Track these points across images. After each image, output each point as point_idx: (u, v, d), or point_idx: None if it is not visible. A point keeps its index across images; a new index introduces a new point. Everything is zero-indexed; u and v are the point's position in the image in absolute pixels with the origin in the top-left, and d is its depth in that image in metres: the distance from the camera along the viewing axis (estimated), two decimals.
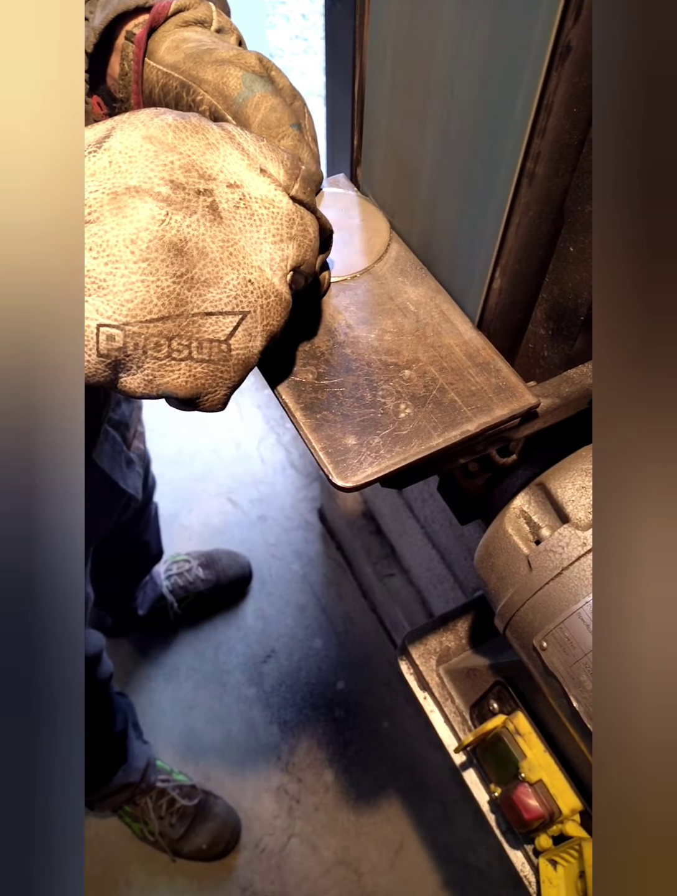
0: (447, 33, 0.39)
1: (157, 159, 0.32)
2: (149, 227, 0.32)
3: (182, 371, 0.35)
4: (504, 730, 0.63)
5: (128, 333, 0.32)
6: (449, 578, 1.43)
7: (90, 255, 0.31)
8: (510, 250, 0.42)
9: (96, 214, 0.31)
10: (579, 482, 0.50)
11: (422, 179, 0.47)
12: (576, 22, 0.33)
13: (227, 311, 0.34)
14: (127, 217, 0.31)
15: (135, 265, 0.32)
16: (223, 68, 0.41)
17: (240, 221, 0.34)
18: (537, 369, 0.49)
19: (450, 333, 0.46)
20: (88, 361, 0.32)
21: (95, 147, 0.32)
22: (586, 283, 0.43)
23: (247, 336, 0.35)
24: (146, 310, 0.32)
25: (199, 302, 0.33)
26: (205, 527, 1.89)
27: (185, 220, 0.32)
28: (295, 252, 0.36)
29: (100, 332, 0.32)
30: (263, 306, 0.35)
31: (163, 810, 1.46)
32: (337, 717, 1.62)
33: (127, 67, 0.45)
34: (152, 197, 0.32)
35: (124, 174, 0.32)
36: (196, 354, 0.34)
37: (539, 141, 0.37)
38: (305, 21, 3.21)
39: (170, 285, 0.32)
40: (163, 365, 0.34)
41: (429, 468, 0.46)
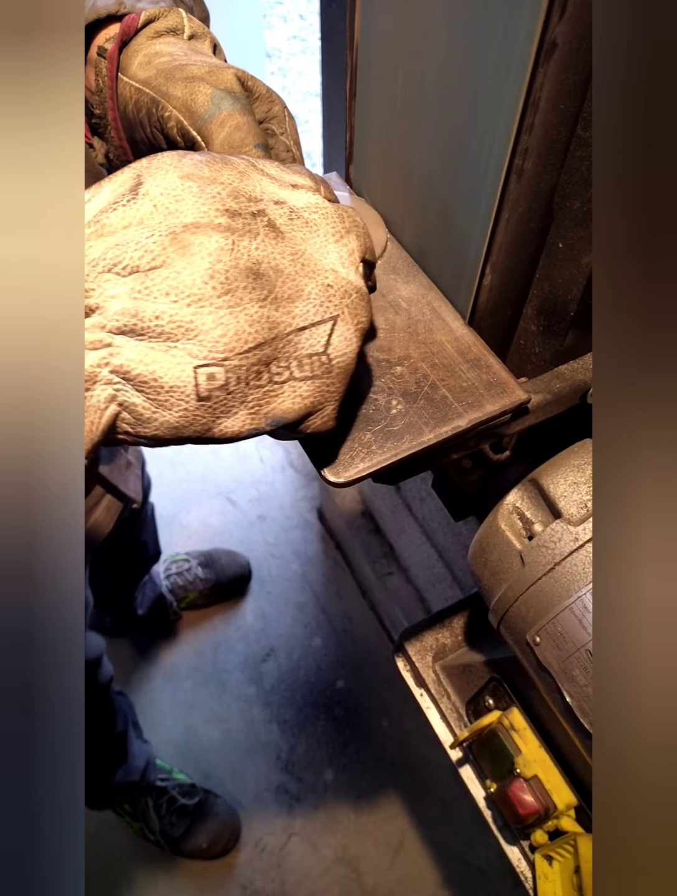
0: (434, 31, 0.40)
1: (203, 193, 0.32)
2: (221, 258, 0.31)
3: (286, 394, 0.33)
4: (499, 725, 0.63)
5: (229, 368, 0.31)
6: (447, 577, 1.44)
7: (167, 300, 0.30)
8: (500, 247, 0.42)
9: (162, 258, 0.30)
10: (571, 478, 0.51)
11: (413, 177, 0.47)
12: (562, 18, 0.33)
13: (318, 321, 0.33)
14: (196, 254, 0.30)
15: (219, 299, 0.31)
16: (193, 85, 0.41)
17: (299, 232, 0.33)
18: (528, 365, 0.50)
19: (442, 330, 0.47)
20: (186, 410, 0.31)
21: (131, 195, 0.31)
22: (575, 279, 0.43)
23: (344, 341, 0.34)
24: (242, 341, 0.31)
25: (289, 319, 0.32)
26: (204, 526, 1.90)
27: (252, 244, 0.32)
28: (357, 243, 0.35)
29: (198, 373, 0.31)
30: (349, 306, 0.34)
31: (163, 809, 1.47)
32: (336, 716, 1.62)
33: (101, 83, 0.45)
34: (213, 229, 0.31)
35: (176, 214, 0.31)
36: (297, 373, 0.33)
37: (526, 137, 0.37)
38: (303, 21, 3.21)
39: (258, 310, 0.31)
40: (267, 392, 0.33)
41: (421, 464, 0.46)
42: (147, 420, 0.32)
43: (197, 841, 1.46)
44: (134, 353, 0.30)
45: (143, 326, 0.30)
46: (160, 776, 1.50)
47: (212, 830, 1.46)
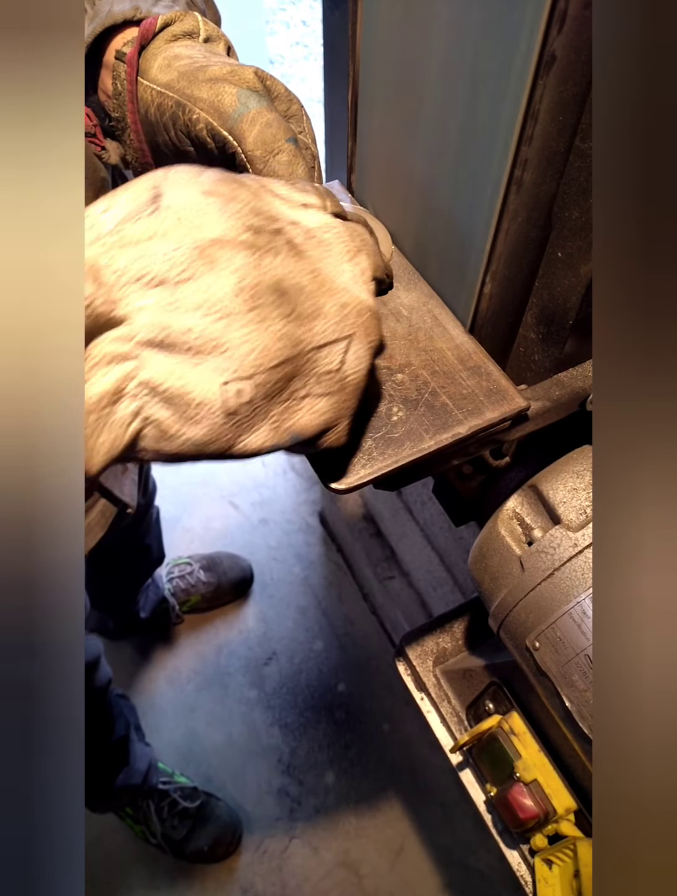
0: (435, 43, 0.40)
1: (225, 209, 0.32)
2: (248, 274, 0.31)
3: (304, 410, 0.34)
4: (499, 730, 0.63)
5: (256, 384, 0.31)
6: (448, 581, 1.44)
7: (197, 315, 0.30)
8: (500, 256, 0.43)
9: (190, 272, 0.30)
10: (571, 484, 0.51)
11: (413, 186, 0.48)
12: (561, 32, 0.34)
13: (335, 339, 0.33)
14: (224, 269, 0.30)
15: (247, 315, 0.31)
16: (218, 86, 0.41)
17: (315, 251, 0.34)
18: (528, 373, 0.50)
19: (442, 338, 0.47)
20: (213, 425, 0.31)
21: (153, 207, 0.31)
22: (574, 287, 0.44)
23: (357, 359, 0.35)
24: (269, 356, 0.31)
25: (310, 337, 0.33)
26: (206, 530, 1.90)
27: (275, 261, 0.32)
28: (367, 261, 0.36)
29: (226, 389, 0.31)
30: (362, 325, 0.35)
31: (164, 812, 1.47)
32: (337, 720, 1.63)
33: (120, 87, 0.45)
34: (239, 245, 0.31)
35: (201, 228, 0.31)
36: (315, 389, 0.34)
37: (526, 148, 0.38)
38: (306, 28, 3.22)
39: (283, 327, 0.32)
40: (287, 408, 0.33)
41: (421, 470, 0.47)
42: (172, 436, 0.31)
43: (198, 844, 1.46)
44: (162, 366, 0.30)
45: (172, 340, 0.30)
46: (162, 779, 1.50)
47: (214, 833, 1.46)
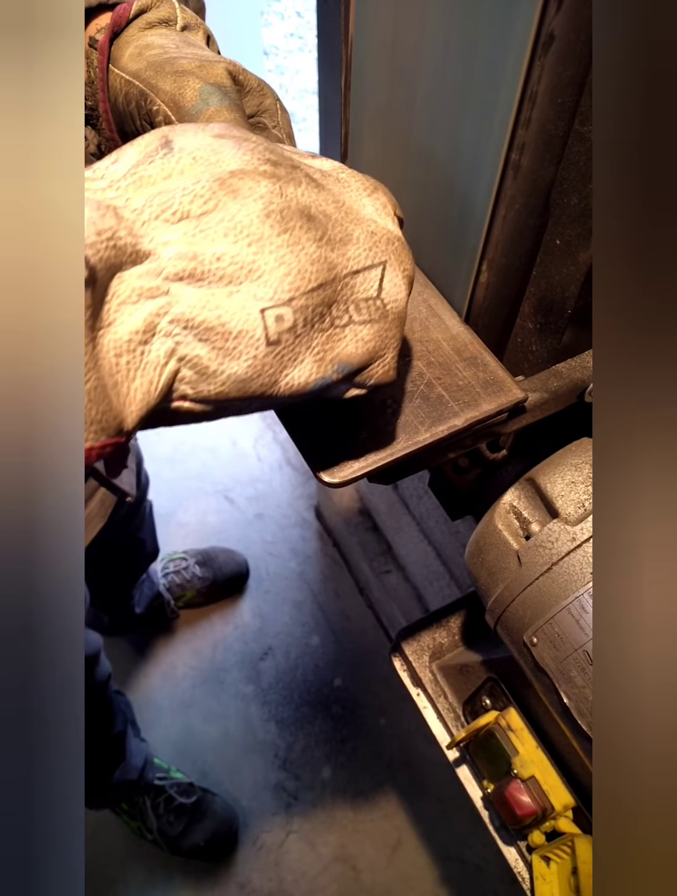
0: (429, 24, 0.39)
1: (241, 147, 0.31)
2: (274, 199, 0.30)
3: (348, 338, 0.33)
4: (496, 726, 0.63)
5: (296, 308, 0.30)
6: (444, 575, 1.43)
7: (227, 241, 0.29)
8: (496, 243, 0.42)
9: (214, 202, 0.29)
10: (568, 477, 0.50)
11: (408, 173, 0.47)
12: (559, 10, 0.33)
13: (369, 265, 0.33)
14: (248, 196, 0.30)
15: (279, 238, 0.30)
16: (182, 79, 0.41)
17: (335, 186, 0.33)
18: (525, 364, 0.49)
19: (438, 328, 0.46)
20: (256, 356, 0.30)
21: (165, 149, 0.30)
22: (573, 276, 0.43)
23: (394, 286, 0.34)
24: (306, 280, 0.30)
25: (345, 262, 0.32)
26: (201, 525, 1.89)
27: (298, 190, 0.31)
28: (386, 198, 0.35)
29: (265, 315, 0.30)
30: (394, 252, 0.34)
31: (161, 808, 1.46)
32: (334, 715, 1.62)
33: (93, 75, 0.44)
34: (260, 175, 0.30)
35: (218, 164, 0.30)
36: (356, 317, 0.33)
37: (523, 132, 0.37)
38: (300, 19, 3.20)
39: (316, 250, 0.31)
40: (330, 336, 0.32)
41: (416, 463, 0.46)
42: (213, 373, 0.30)
43: (194, 839, 1.45)
44: (195, 299, 0.29)
45: (202, 270, 0.29)
46: (158, 775, 1.49)
47: (210, 829, 1.46)
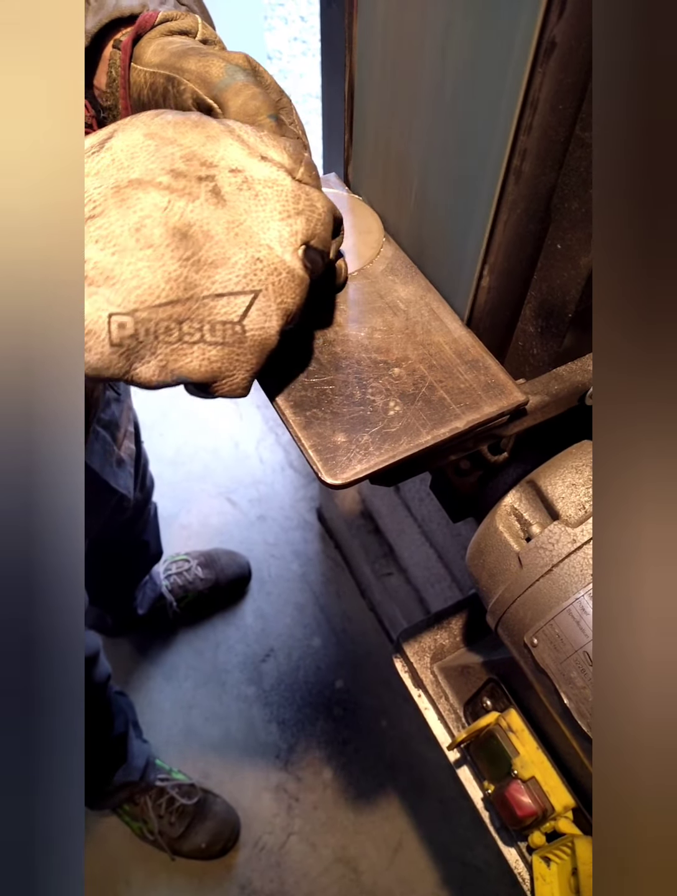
0: (433, 31, 0.39)
1: (158, 153, 0.33)
2: (152, 214, 0.32)
3: (195, 355, 0.35)
4: (497, 727, 0.63)
5: (138, 319, 0.32)
6: (446, 577, 1.44)
7: (97, 248, 0.32)
8: (498, 248, 0.42)
9: (101, 208, 0.32)
10: (569, 479, 0.51)
11: (410, 177, 0.47)
12: (561, 17, 0.33)
13: (238, 291, 0.34)
14: (131, 208, 0.32)
15: (140, 252, 0.32)
16: (207, 59, 0.42)
17: (244, 203, 0.34)
18: (527, 367, 0.50)
19: (440, 331, 0.46)
20: (102, 353, 0.32)
21: (98, 147, 0.33)
22: (574, 280, 0.43)
23: (262, 316, 0.35)
24: (154, 295, 0.32)
25: (208, 284, 0.34)
26: (204, 527, 1.90)
27: (188, 206, 0.33)
28: (304, 226, 0.36)
29: (111, 321, 0.32)
30: (275, 283, 0.35)
31: (162, 809, 1.47)
32: (335, 716, 1.62)
33: (114, 74, 0.45)
34: (154, 187, 0.33)
35: (127, 169, 0.33)
36: (208, 337, 0.34)
37: (525, 138, 0.37)
38: (304, 23, 3.21)
39: (177, 269, 0.33)
40: (175, 349, 0.34)
41: (418, 465, 0.46)
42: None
43: (196, 840, 1.46)
44: None
45: None
46: (159, 776, 1.50)
47: (211, 830, 1.46)
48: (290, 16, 3.26)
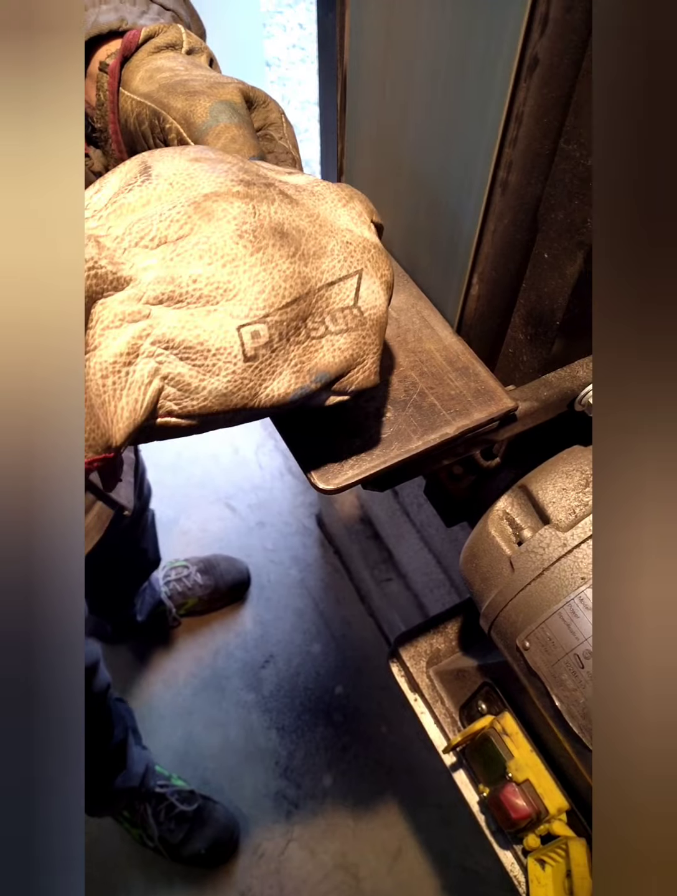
0: (419, 47, 0.40)
1: (215, 169, 0.33)
2: (246, 220, 0.31)
3: (325, 348, 0.34)
4: (491, 730, 0.63)
5: (271, 324, 0.32)
6: (445, 583, 1.44)
7: (202, 264, 0.30)
8: (486, 257, 0.43)
9: (189, 226, 0.31)
10: (560, 484, 0.51)
11: (400, 188, 0.48)
12: (543, 35, 0.34)
13: (345, 276, 0.34)
14: (222, 219, 0.31)
15: (252, 257, 0.31)
16: (194, 98, 0.42)
17: (309, 199, 0.35)
18: (516, 373, 0.50)
19: (431, 339, 0.47)
20: (234, 373, 0.31)
21: (144, 177, 0.32)
22: (561, 288, 0.44)
23: (372, 294, 0.35)
24: (279, 296, 0.32)
25: (319, 274, 0.33)
26: (203, 532, 1.90)
27: (271, 208, 0.33)
28: (361, 205, 0.36)
29: (242, 332, 0.31)
30: (370, 260, 0.35)
31: (162, 815, 1.46)
32: (335, 722, 1.62)
33: (103, 97, 0.46)
34: (234, 196, 0.32)
35: (193, 188, 0.32)
36: (332, 327, 0.34)
37: (510, 151, 0.38)
38: (302, 31, 3.23)
39: (289, 266, 0.32)
40: (306, 348, 0.34)
41: (410, 470, 0.47)
42: (194, 390, 0.31)
43: (195, 847, 1.46)
44: (174, 320, 0.30)
45: (180, 292, 0.30)
46: (159, 782, 1.50)
47: (211, 836, 1.46)
48: (289, 23, 3.28)
